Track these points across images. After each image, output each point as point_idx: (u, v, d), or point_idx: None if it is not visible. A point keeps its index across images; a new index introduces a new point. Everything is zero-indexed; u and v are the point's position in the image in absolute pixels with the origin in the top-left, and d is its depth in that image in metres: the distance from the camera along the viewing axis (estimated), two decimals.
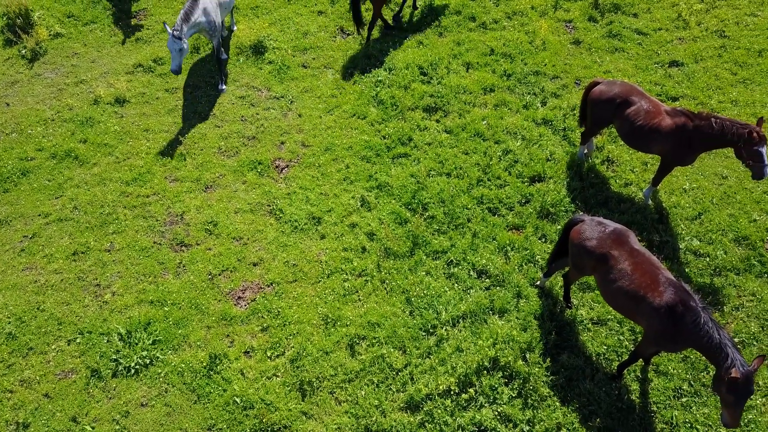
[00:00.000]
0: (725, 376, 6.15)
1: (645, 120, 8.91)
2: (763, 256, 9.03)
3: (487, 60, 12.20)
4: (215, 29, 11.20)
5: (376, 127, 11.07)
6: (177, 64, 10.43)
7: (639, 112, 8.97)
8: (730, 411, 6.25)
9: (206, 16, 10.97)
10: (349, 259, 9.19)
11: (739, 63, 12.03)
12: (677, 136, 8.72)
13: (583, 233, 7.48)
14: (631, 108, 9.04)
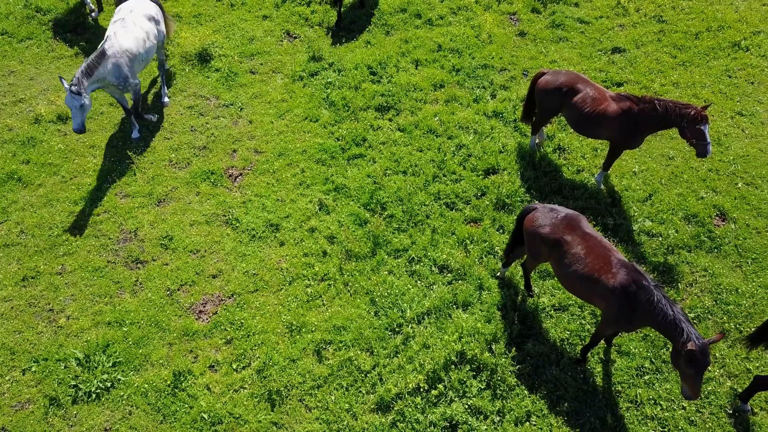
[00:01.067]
0: (682, 350, 6.33)
1: (592, 107, 9.09)
2: (712, 232, 9.33)
3: (436, 56, 12.27)
4: (128, 86, 10.07)
5: (329, 129, 11.01)
6: (79, 122, 9.32)
7: (585, 100, 9.16)
8: (690, 383, 6.44)
9: (116, 72, 9.78)
10: (310, 264, 9.11)
11: (677, 46, 12.40)
12: (624, 121, 8.93)
13: (536, 221, 7.60)
14: (577, 96, 9.22)
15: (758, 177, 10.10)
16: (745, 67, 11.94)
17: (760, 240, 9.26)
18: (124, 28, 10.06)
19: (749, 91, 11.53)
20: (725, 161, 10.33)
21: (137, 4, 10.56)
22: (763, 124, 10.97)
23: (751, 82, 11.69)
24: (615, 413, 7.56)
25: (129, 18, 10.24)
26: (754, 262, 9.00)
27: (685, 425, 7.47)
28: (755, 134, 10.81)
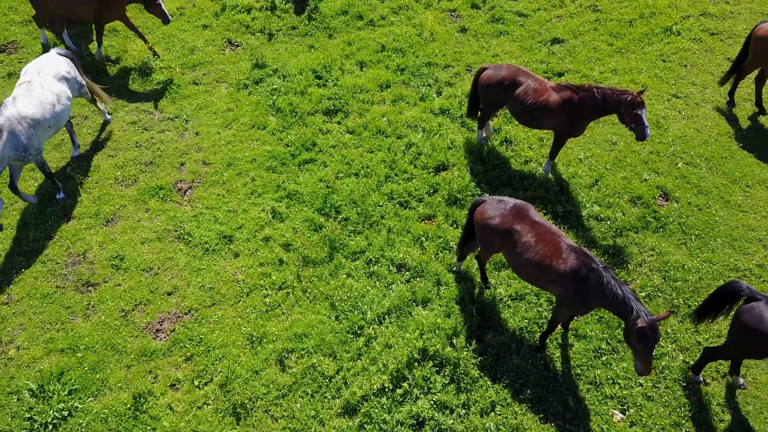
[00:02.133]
0: (633, 327, 6.53)
1: (534, 98, 9.29)
2: (656, 213, 9.64)
3: (380, 57, 12.32)
4: (29, 156, 9.14)
5: (277, 135, 10.93)
6: None
7: (527, 92, 9.35)
8: (642, 359, 6.66)
9: (14, 143, 8.84)
10: (267, 273, 9.03)
11: (613, 34, 12.77)
12: (565, 110, 9.15)
13: (486, 213, 7.73)
14: (519, 88, 9.40)
15: (696, 156, 10.49)
16: (678, 51, 12.38)
17: (702, 217, 9.62)
18: (28, 92, 9.17)
19: (683, 74, 11.96)
20: (665, 143, 10.69)
21: (46, 64, 9.63)
22: (697, 105, 11.39)
23: (684, 65, 12.13)
24: (576, 396, 7.74)
25: (36, 80, 9.34)
26: (698, 239, 9.35)
27: (643, 401, 7.71)
28: (691, 115, 11.22)
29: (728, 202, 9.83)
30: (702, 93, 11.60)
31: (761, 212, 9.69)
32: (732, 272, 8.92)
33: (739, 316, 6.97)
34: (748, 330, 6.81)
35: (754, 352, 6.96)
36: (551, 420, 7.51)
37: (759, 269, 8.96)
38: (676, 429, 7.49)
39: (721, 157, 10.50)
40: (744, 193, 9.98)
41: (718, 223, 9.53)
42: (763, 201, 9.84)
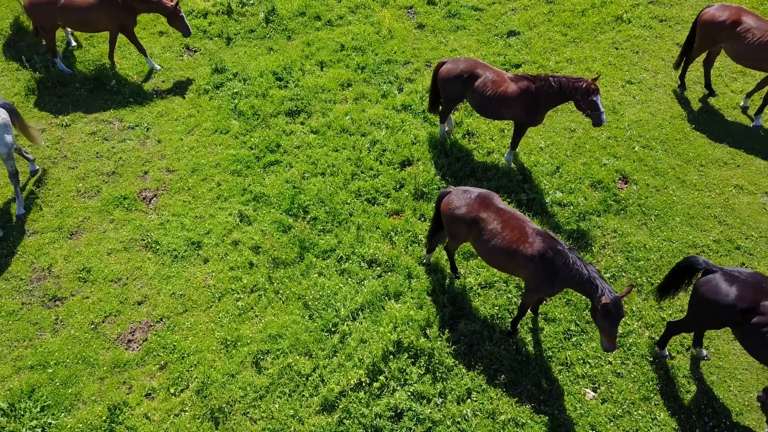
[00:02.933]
0: (598, 304, 6.72)
1: (492, 90, 9.47)
2: (617, 196, 9.92)
3: (340, 56, 12.38)
4: None
5: (241, 139, 10.90)
6: None
7: (486, 84, 9.52)
8: (607, 335, 6.85)
9: None
10: (237, 277, 9.01)
11: (566, 24, 13.06)
12: (524, 99, 9.35)
13: (452, 203, 7.87)
14: (478, 81, 9.57)
15: (652, 139, 10.82)
16: (630, 38, 12.73)
17: (660, 197, 9.93)
18: None
19: (635, 60, 12.31)
20: (621, 128, 10.99)
21: None
22: (651, 90, 11.74)
23: (636, 51, 12.48)
24: (549, 377, 7.93)
25: None
26: (657, 219, 9.65)
27: (613, 378, 7.94)
28: (645, 100, 11.56)
29: (684, 182, 10.17)
30: (654, 78, 11.96)
31: (715, 190, 10.05)
32: (690, 249, 9.23)
33: (697, 288, 7.24)
34: (706, 301, 7.08)
35: (713, 323, 7.23)
36: (526, 402, 7.68)
37: (716, 245, 9.30)
38: (646, 403, 7.73)
39: (675, 139, 10.85)
40: (698, 173, 10.33)
41: (676, 203, 9.86)
42: (717, 179, 10.21)
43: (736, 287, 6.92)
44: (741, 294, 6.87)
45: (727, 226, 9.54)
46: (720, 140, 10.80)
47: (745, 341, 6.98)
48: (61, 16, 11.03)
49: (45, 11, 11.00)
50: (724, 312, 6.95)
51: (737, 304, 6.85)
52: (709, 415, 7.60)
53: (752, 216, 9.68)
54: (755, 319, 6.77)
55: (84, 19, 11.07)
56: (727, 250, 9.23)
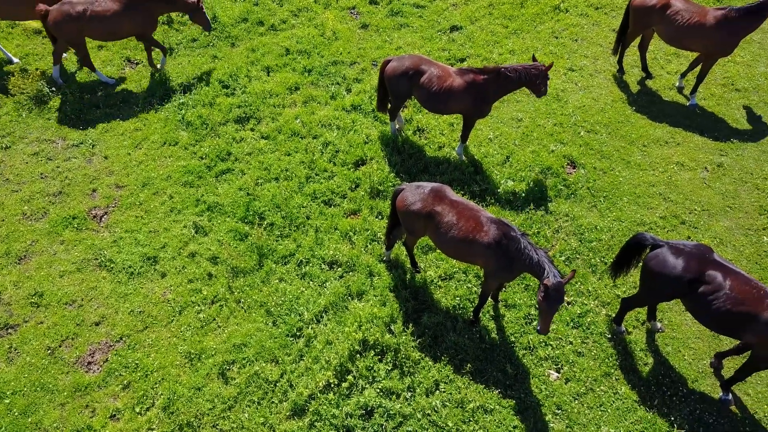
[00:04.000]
0: (541, 285, 6.87)
1: (439, 85, 9.60)
2: (566, 180, 10.20)
3: (285, 60, 12.33)
4: None
5: (190, 150, 10.75)
6: None
7: (432, 79, 9.65)
8: (542, 317, 6.94)
9: None
10: (197, 289, 8.90)
11: (507, 17, 13.33)
12: (471, 92, 9.52)
13: (407, 199, 7.96)
14: (423, 77, 9.69)
15: (596, 124, 11.15)
16: (568, 27, 13.08)
17: (607, 179, 10.26)
18: None
19: (575, 48, 12.66)
20: (566, 114, 11.30)
21: None
22: (591, 76, 12.10)
23: (575, 39, 12.84)
24: (513, 362, 8.11)
25: None
26: (606, 200, 9.96)
27: (574, 358, 8.16)
28: (587, 86, 11.90)
29: (629, 163, 10.52)
30: (594, 64, 12.33)
31: (658, 168, 10.44)
32: (639, 227, 9.57)
33: (646, 263, 7.52)
34: (655, 275, 7.37)
35: (664, 295, 7.52)
36: (493, 389, 7.83)
37: (662, 221, 9.66)
38: (607, 379, 7.98)
39: (618, 122, 11.21)
40: (642, 153, 10.70)
41: (622, 183, 10.19)
42: (659, 158, 10.60)
43: (682, 259, 7.22)
44: (687, 265, 7.17)
45: (672, 202, 9.92)
46: (659, 120, 11.22)
47: (694, 310, 7.29)
48: (88, 28, 10.96)
49: (72, 27, 10.89)
50: (673, 284, 7.23)
51: (684, 275, 7.15)
52: (667, 385, 7.90)
53: (694, 191, 10.09)
54: (701, 288, 7.08)
55: (110, 29, 11.06)
56: (673, 226, 9.59)
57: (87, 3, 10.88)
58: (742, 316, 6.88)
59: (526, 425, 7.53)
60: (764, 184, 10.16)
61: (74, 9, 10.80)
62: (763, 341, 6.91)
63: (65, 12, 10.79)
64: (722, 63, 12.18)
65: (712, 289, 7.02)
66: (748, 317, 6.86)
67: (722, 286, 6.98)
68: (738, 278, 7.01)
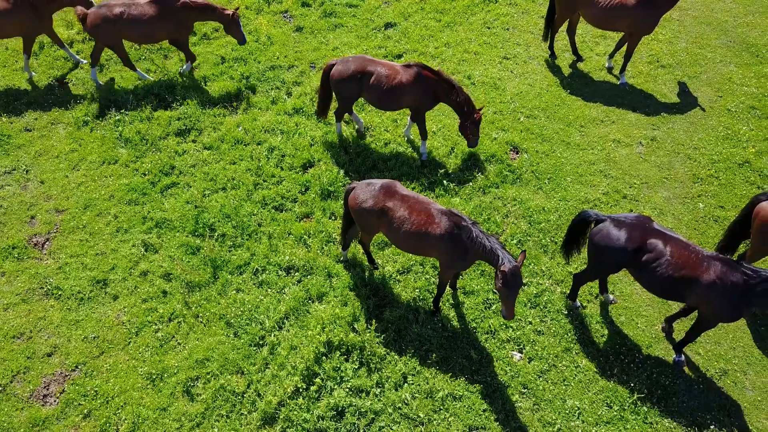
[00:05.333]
0: (498, 273, 7.04)
1: (388, 83, 9.66)
2: (511, 165, 10.44)
3: (222, 68, 12.15)
4: None
5: (132, 167, 10.47)
6: None
7: (380, 79, 9.70)
8: (505, 302, 7.10)
9: None
10: (152, 308, 8.67)
11: (439, 11, 13.53)
12: (420, 85, 9.65)
13: (359, 198, 8.00)
14: (371, 77, 9.73)
15: (534, 108, 11.46)
16: (499, 16, 13.39)
17: (549, 161, 10.56)
18: None
19: (508, 37, 12.97)
20: (505, 102, 11.56)
21: None
22: (526, 63, 12.43)
23: (507, 28, 13.15)
24: (477, 347, 8.26)
25: None
26: (551, 181, 10.26)
27: (535, 337, 8.38)
28: (522, 73, 12.22)
29: (569, 144, 10.86)
30: (527, 51, 12.66)
31: (597, 147, 10.82)
32: (584, 204, 9.90)
33: (591, 238, 7.80)
34: (601, 248, 7.65)
35: (611, 267, 7.82)
36: (460, 376, 7.96)
37: (605, 197, 10.02)
38: (568, 354, 8.23)
39: (555, 105, 11.56)
40: (580, 133, 11.07)
41: (564, 164, 10.52)
42: (597, 137, 10.99)
43: (624, 231, 7.52)
44: (629, 236, 7.48)
45: (613, 178, 10.30)
46: (594, 101, 11.63)
47: (640, 278, 7.61)
48: (125, 31, 11.06)
49: (109, 30, 11.00)
50: (618, 255, 7.53)
51: (628, 245, 7.46)
52: (624, 353, 8.21)
53: (632, 166, 10.51)
54: (645, 257, 7.40)
55: (145, 33, 11.12)
56: (615, 201, 9.97)
57: (124, 6, 11.01)
58: (684, 280, 7.23)
59: (494, 407, 7.69)
60: (695, 153, 10.68)
61: (111, 12, 10.94)
62: (705, 303, 7.28)
63: (102, 15, 10.93)
64: (646, 42, 12.72)
65: (654, 256, 7.35)
66: (689, 281, 7.21)
67: (663, 253, 7.32)
68: (677, 244, 7.36)
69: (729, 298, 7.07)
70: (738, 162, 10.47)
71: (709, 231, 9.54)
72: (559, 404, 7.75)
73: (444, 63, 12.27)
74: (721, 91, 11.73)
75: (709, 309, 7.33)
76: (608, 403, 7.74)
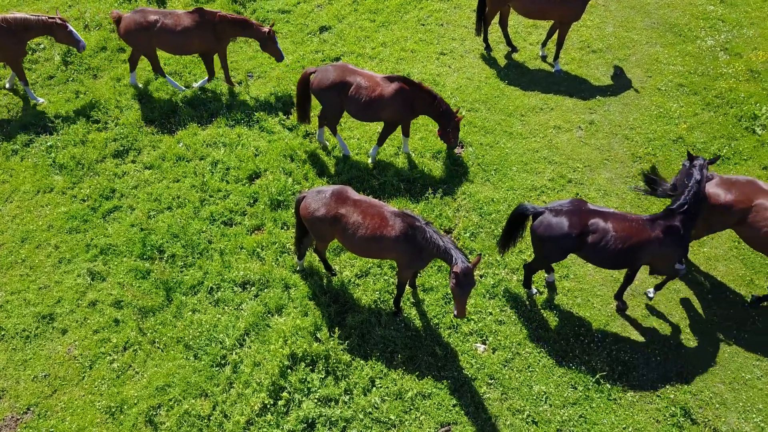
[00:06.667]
0: (451, 272, 7.09)
1: (367, 95, 9.55)
2: (457, 160, 10.54)
3: (156, 84, 11.79)
4: None
5: (69, 194, 10.04)
6: None
7: (360, 90, 9.58)
8: (457, 302, 7.16)
9: None
10: (105, 339, 8.34)
11: (372, 11, 13.53)
12: (399, 100, 9.61)
13: (310, 206, 7.90)
14: (351, 88, 9.61)
15: (475, 102, 11.60)
16: (432, 12, 13.49)
17: (494, 152, 10.71)
18: None
19: (443, 33, 13.08)
20: (446, 97, 11.65)
21: None
22: (462, 57, 12.56)
23: (441, 24, 13.27)
24: (441, 343, 8.30)
25: None
26: (497, 172, 10.41)
27: (497, 327, 8.49)
28: (460, 67, 12.35)
29: (511, 134, 11.05)
30: (463, 45, 12.81)
31: (539, 134, 11.05)
32: (531, 192, 10.08)
33: (533, 231, 7.97)
34: (545, 240, 7.83)
35: (558, 255, 8.04)
36: (427, 373, 7.98)
37: (551, 183, 10.24)
38: (530, 340, 8.37)
39: (494, 97, 11.73)
40: (521, 123, 11.28)
41: (509, 154, 10.69)
42: (537, 125, 11.22)
43: (564, 218, 7.74)
44: (570, 222, 7.70)
45: (556, 164, 10.53)
46: (532, 89, 11.86)
47: (590, 258, 7.88)
48: (157, 40, 10.87)
49: (142, 37, 10.83)
50: (564, 243, 7.75)
51: (571, 232, 7.68)
52: (583, 334, 8.42)
53: (574, 150, 10.78)
54: (590, 238, 7.66)
55: (178, 43, 10.91)
56: (561, 185, 10.20)
57: (160, 14, 10.86)
58: (634, 248, 7.64)
59: (464, 401, 7.74)
60: (632, 134, 11.04)
61: (146, 19, 10.79)
62: (659, 258, 7.82)
63: (136, 21, 10.80)
64: (576, 28, 13.06)
65: (600, 236, 7.63)
66: (639, 247, 7.65)
67: (607, 230, 7.65)
68: (617, 218, 7.74)
69: (678, 243, 7.67)
70: (672, 138, 10.89)
71: (652, 208, 9.88)
72: (526, 391, 7.87)
73: (382, 63, 12.27)
74: (650, 72, 12.17)
75: (665, 261, 7.86)
76: (573, 385, 7.92)
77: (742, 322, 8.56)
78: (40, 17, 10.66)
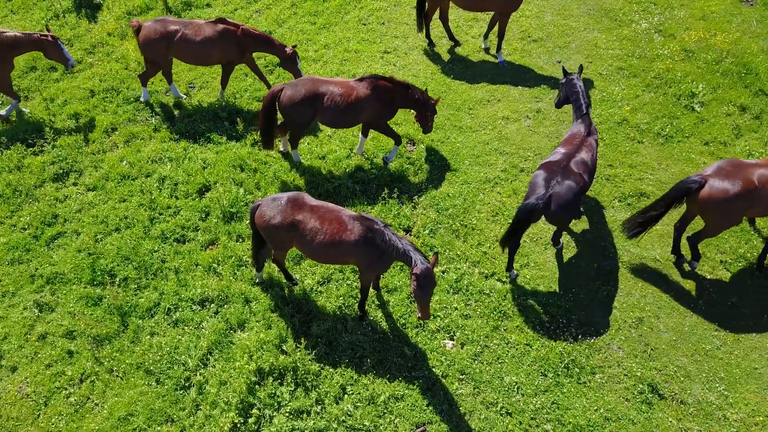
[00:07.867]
0: (411, 275, 7.03)
1: (344, 101, 9.34)
2: (410, 158, 10.50)
3: (94, 102, 11.35)
4: None
5: (8, 223, 9.53)
6: None
7: (334, 98, 9.36)
8: (419, 303, 7.09)
9: None
10: (59, 372, 7.94)
11: (312, 13, 13.36)
12: (378, 97, 9.49)
13: (265, 215, 7.71)
14: (325, 98, 9.37)
15: None
16: (372, 12, 13.42)
17: (446, 148, 10.72)
18: None
19: (385, 31, 13.02)
20: None
21: None
22: (406, 54, 12.54)
23: (382, 22, 13.21)
24: (410, 344, 8.22)
25: None
26: (450, 167, 10.41)
27: (463, 321, 8.47)
28: (405, 64, 12.31)
29: (461, 128, 11.08)
30: (406, 42, 12.78)
31: (488, 127, 11.11)
32: (485, 184, 10.13)
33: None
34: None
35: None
36: (397, 375, 7.89)
37: (504, 173, 10.31)
38: (497, 332, 8.38)
39: (441, 92, 11.74)
40: (470, 116, 11.32)
41: (460, 148, 10.71)
42: (486, 117, 11.29)
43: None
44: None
45: (508, 155, 10.61)
46: (477, 82, 11.93)
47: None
48: (175, 50, 10.61)
49: (159, 46, 10.54)
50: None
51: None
52: (548, 321, 8.49)
53: (523, 139, 10.88)
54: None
55: (198, 54, 10.64)
56: (514, 175, 10.28)
57: (181, 24, 10.59)
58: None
59: (437, 400, 7.69)
60: None
61: (166, 28, 10.52)
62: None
63: (156, 30, 10.50)
64: (515, 18, 13.22)
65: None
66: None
67: None
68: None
69: None
70: (617, 121, 11.13)
71: (603, 190, 10.06)
72: (497, 383, 7.88)
73: (326, 65, 12.13)
74: (591, 57, 12.41)
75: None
76: (543, 372, 7.97)
77: (699, 294, 8.79)
78: (31, 34, 10.21)
